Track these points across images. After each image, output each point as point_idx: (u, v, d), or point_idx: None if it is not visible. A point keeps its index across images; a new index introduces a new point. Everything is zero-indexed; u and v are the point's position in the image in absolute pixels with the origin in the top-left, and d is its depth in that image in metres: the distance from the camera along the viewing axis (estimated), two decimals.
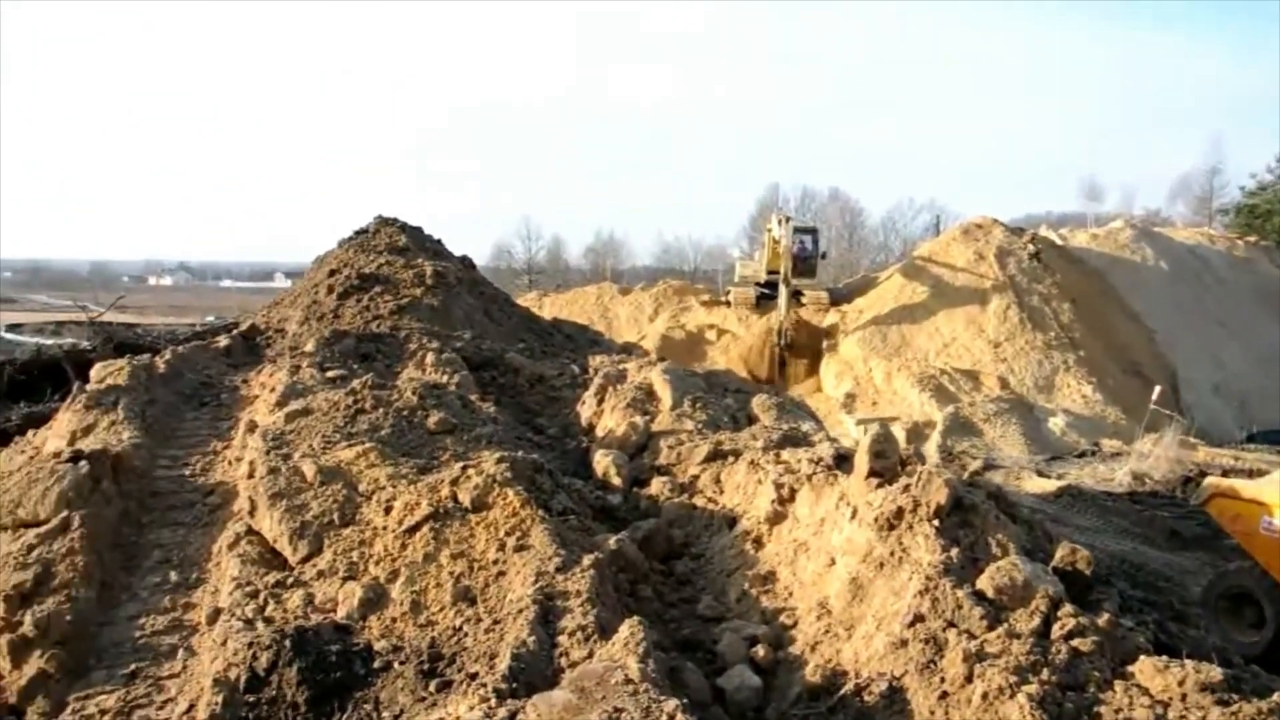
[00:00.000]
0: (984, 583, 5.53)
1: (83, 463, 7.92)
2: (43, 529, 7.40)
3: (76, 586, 6.93)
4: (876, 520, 6.14)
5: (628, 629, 5.32)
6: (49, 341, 29.94)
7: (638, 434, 9.26)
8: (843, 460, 7.48)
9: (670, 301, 37.48)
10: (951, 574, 5.59)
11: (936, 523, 5.99)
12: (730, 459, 8.31)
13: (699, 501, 7.96)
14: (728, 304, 34.76)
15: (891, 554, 5.98)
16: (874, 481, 6.54)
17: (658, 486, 8.29)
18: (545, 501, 7.11)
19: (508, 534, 6.65)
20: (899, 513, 6.12)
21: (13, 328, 55.30)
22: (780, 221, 33.13)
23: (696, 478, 8.28)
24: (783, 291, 30.32)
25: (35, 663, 6.44)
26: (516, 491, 6.91)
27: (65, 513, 7.51)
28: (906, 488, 6.23)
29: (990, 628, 5.28)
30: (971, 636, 5.24)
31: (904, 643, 5.33)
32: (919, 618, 5.40)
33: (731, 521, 7.49)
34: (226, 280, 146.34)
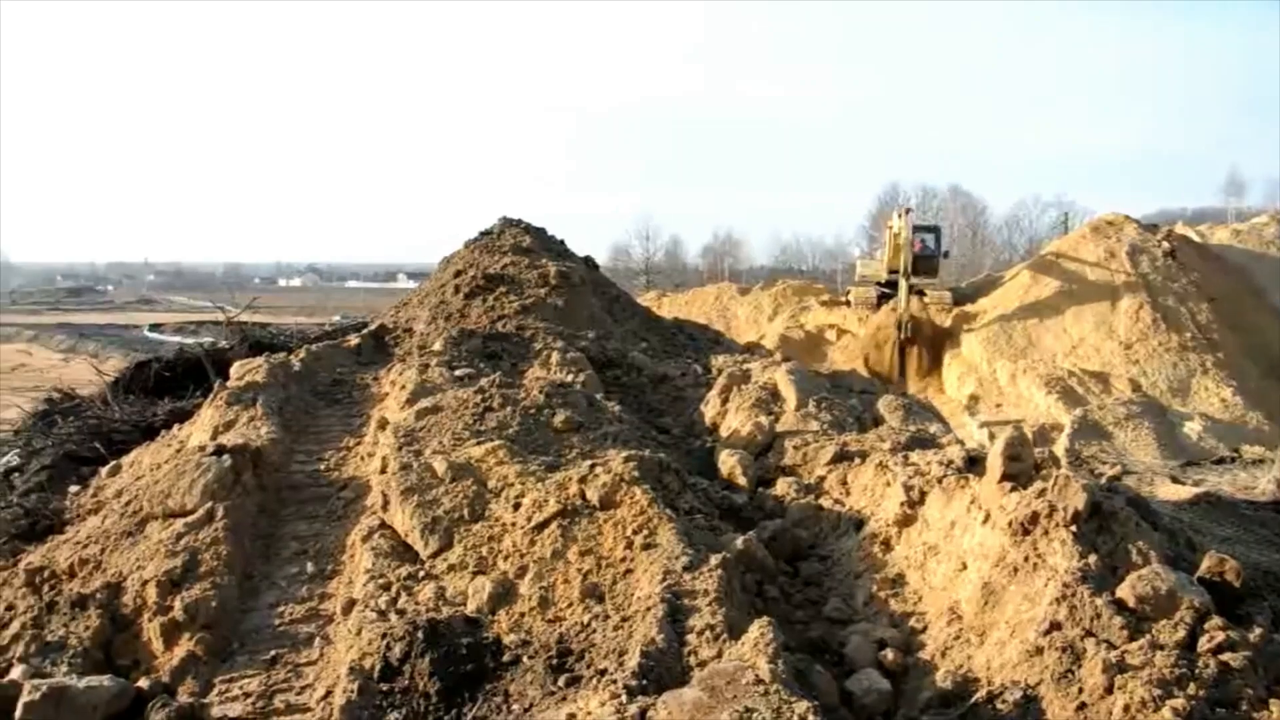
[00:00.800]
0: (1124, 591, 5.35)
1: (225, 456, 8.24)
2: (189, 519, 7.73)
3: (220, 574, 7.21)
4: (1010, 525, 5.99)
5: (757, 629, 5.30)
6: (190, 341, 31.17)
7: (763, 434, 9.22)
8: (974, 463, 7.31)
9: (789, 301, 37.24)
10: (1090, 581, 5.41)
11: (1074, 528, 5.81)
12: (857, 460, 8.21)
13: (825, 503, 7.89)
14: (848, 304, 34.36)
15: (1026, 559, 5.83)
16: (1007, 485, 6.39)
17: (783, 487, 8.24)
18: (672, 500, 7.14)
19: (635, 532, 6.68)
20: (1034, 517, 5.96)
21: (155, 327, 57.94)
22: (900, 214, 32.46)
23: (823, 479, 8.21)
24: (902, 284, 29.82)
25: (185, 645, 6.74)
26: (644, 490, 6.95)
27: (210, 504, 7.83)
28: (1042, 492, 6.06)
29: (1131, 638, 5.10)
30: (1111, 647, 5.06)
31: (1039, 651, 5.19)
32: (1055, 625, 5.25)
33: (859, 523, 7.40)
34: (352, 281, 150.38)
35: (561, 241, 16.28)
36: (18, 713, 5.89)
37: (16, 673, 6.55)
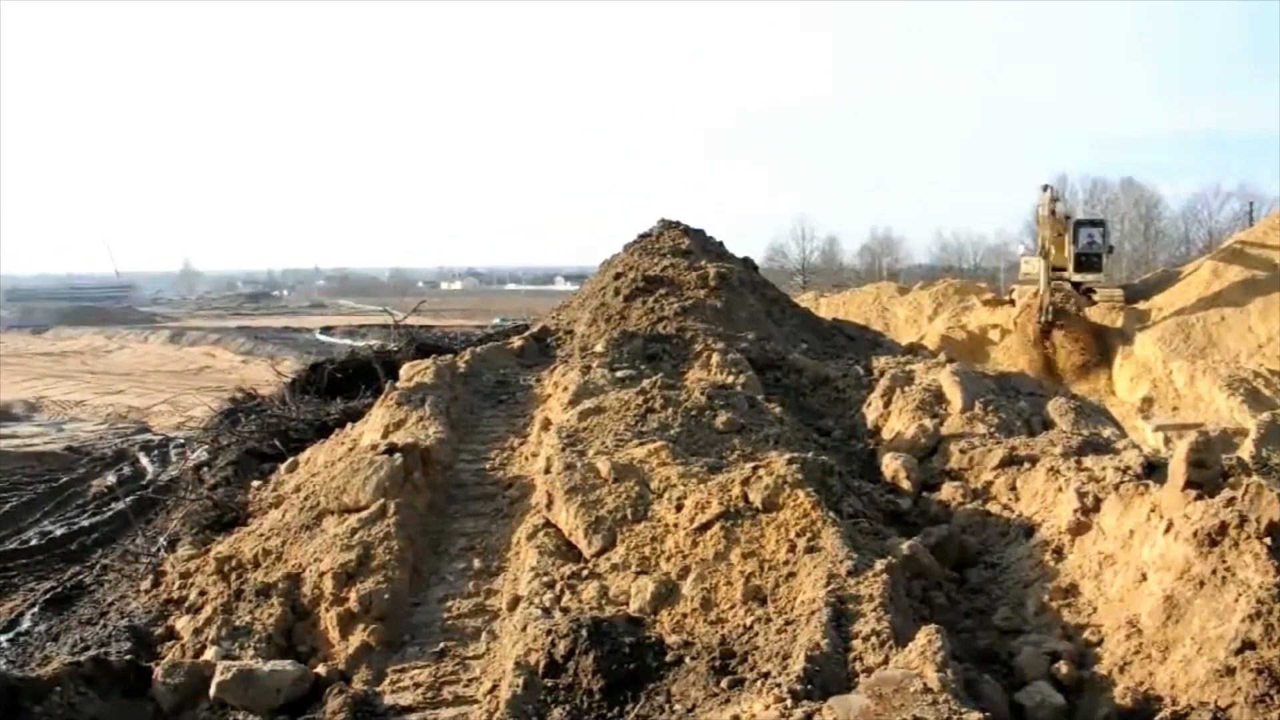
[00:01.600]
0: None
1: (396, 455, 8.53)
2: (363, 514, 8.04)
3: (392, 568, 7.48)
4: (1196, 535, 5.69)
5: (925, 637, 5.18)
6: (359, 343, 32.39)
7: (927, 437, 9.03)
8: (1153, 469, 7.01)
9: (951, 301, 36.30)
10: None
11: (1268, 540, 5.49)
12: (1027, 465, 7.96)
13: (993, 508, 7.67)
14: (1011, 303, 33.26)
15: (1214, 573, 5.52)
16: (1192, 493, 6.08)
17: (949, 492, 8.05)
18: (836, 504, 7.06)
19: (798, 535, 6.62)
20: (1222, 528, 5.65)
21: (326, 330, 60.37)
22: (1048, 194, 30.07)
23: (990, 483, 7.99)
24: (1042, 265, 28.48)
25: (359, 635, 7.02)
26: (807, 493, 6.89)
27: (382, 500, 8.12)
28: (1231, 501, 5.74)
29: None
30: None
31: (1231, 671, 4.91)
32: (1249, 645, 4.97)
33: (1029, 530, 7.17)
34: (511, 284, 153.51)
35: (720, 243, 16.27)
36: (212, 690, 6.31)
37: (210, 653, 6.96)
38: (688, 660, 5.87)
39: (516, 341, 13.47)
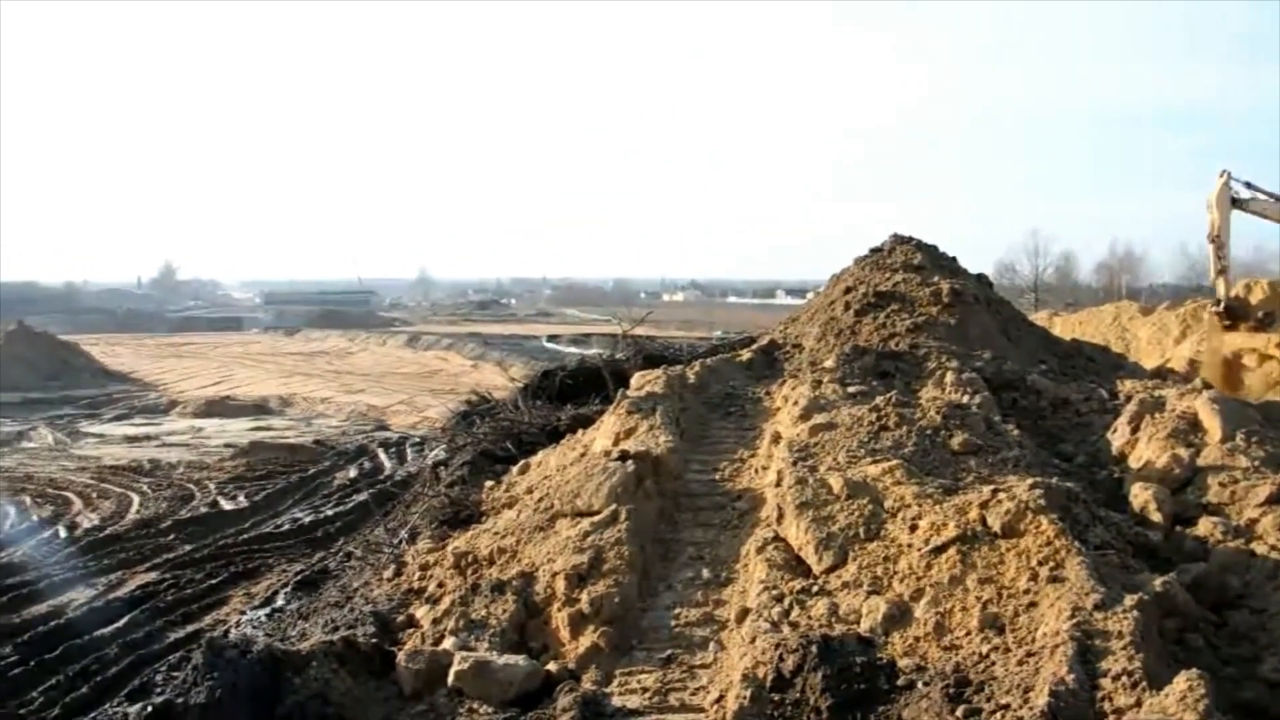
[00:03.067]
0: None
1: (629, 462, 8.68)
2: (595, 518, 8.22)
3: (623, 573, 7.61)
4: None
5: (1186, 682, 4.87)
6: (583, 351, 33.18)
7: (1181, 468, 8.47)
8: None
9: (1200, 323, 34.05)
10: None
11: None
12: None
13: (1259, 548, 7.11)
14: (1270, 325, 30.88)
15: None
16: None
17: (1207, 527, 7.52)
18: (1081, 533, 6.73)
19: (1040, 563, 6.35)
20: None
21: (552, 338, 62.16)
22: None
23: (1255, 521, 7.41)
24: (1211, 254, 25.99)
25: (589, 636, 7.17)
26: (1051, 520, 6.59)
27: (614, 506, 8.29)
28: None
29: None
30: None
31: None
32: None
33: None
34: (732, 297, 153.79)
35: (953, 258, 15.81)
36: (449, 678, 6.59)
37: (448, 643, 7.27)
38: (920, 685, 5.71)
39: (745, 354, 13.48)
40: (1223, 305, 26.09)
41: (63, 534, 17.31)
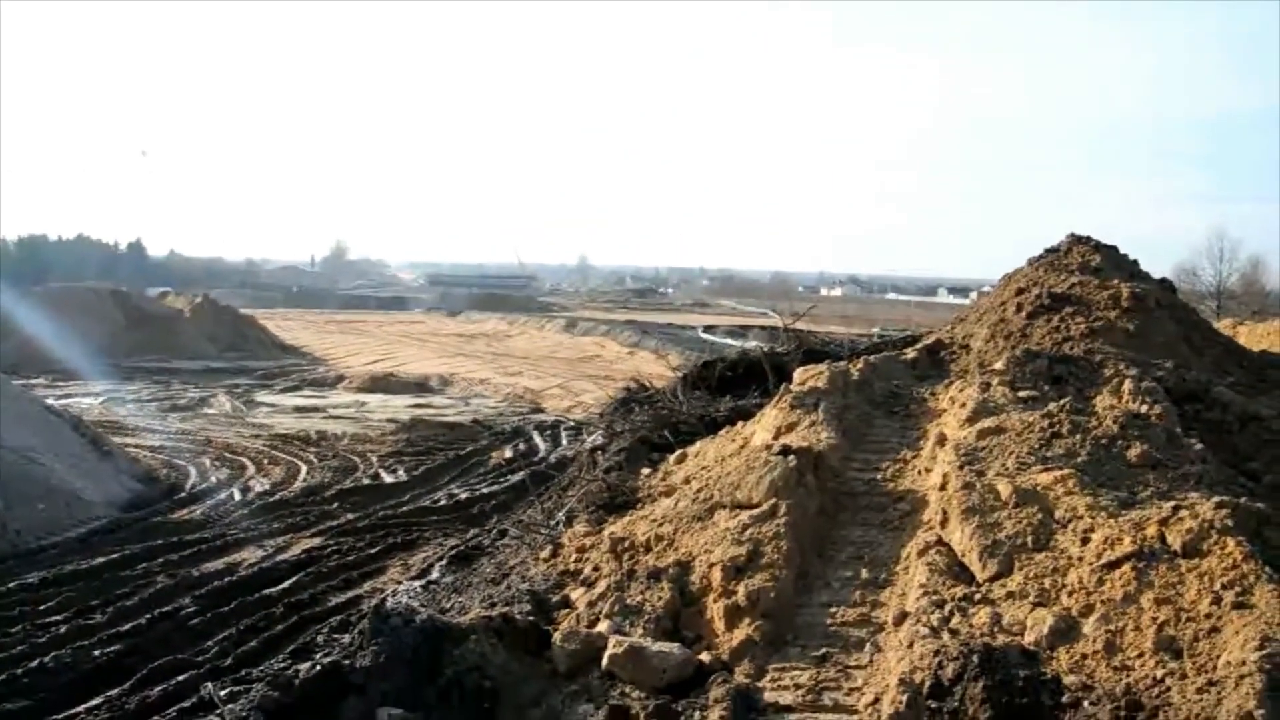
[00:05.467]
0: None
1: (790, 456, 8.62)
2: (754, 511, 8.18)
3: (780, 567, 7.56)
4: None
5: None
6: (743, 343, 33.09)
7: None
8: None
9: None
10: None
11: None
12: None
13: None
14: None
15: None
16: None
17: None
18: (1272, 558, 6.36)
19: (1225, 587, 6.03)
20: None
21: (708, 329, 62.21)
22: None
23: None
24: None
25: (744, 629, 7.15)
26: (1238, 542, 6.25)
27: (774, 500, 8.24)
28: None
29: None
30: None
31: None
32: None
33: None
34: (891, 294, 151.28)
35: (1134, 261, 15.12)
36: (604, 661, 6.68)
37: (603, 626, 7.36)
38: (1086, 705, 5.53)
39: (909, 353, 13.21)
40: None
41: (237, 496, 18.24)
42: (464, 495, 18.19)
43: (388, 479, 19.72)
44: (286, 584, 12.82)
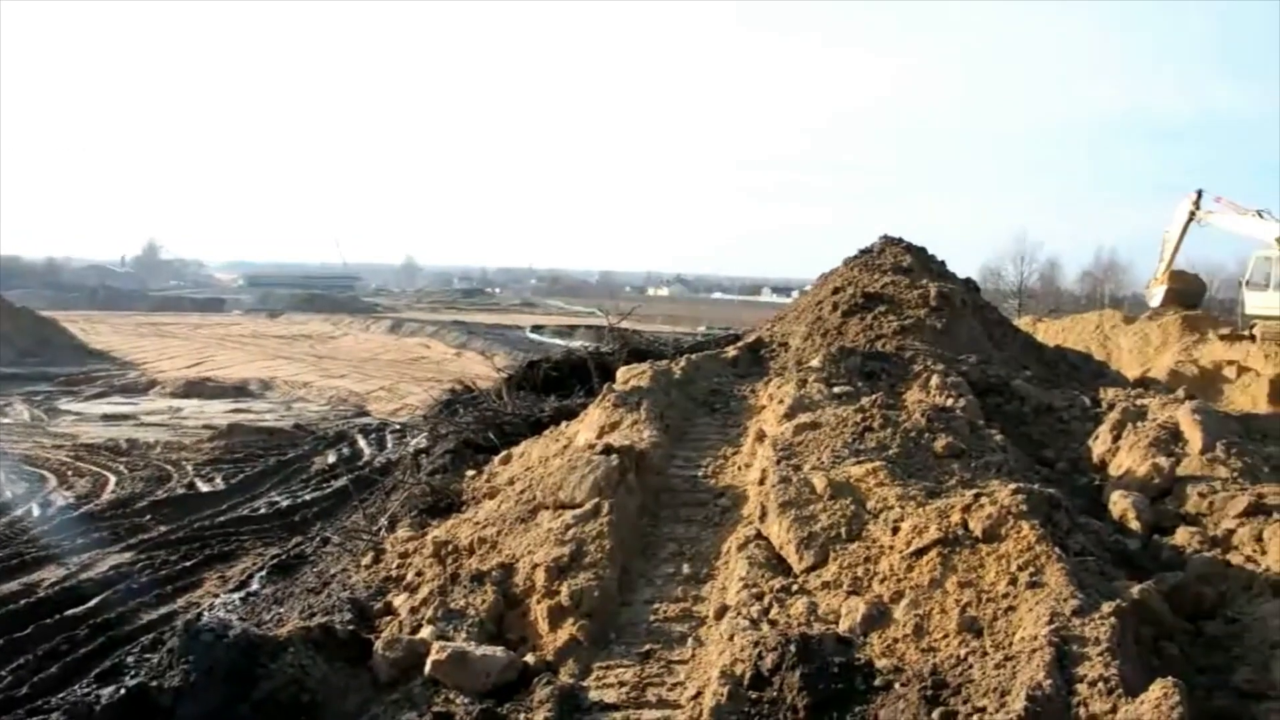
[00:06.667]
0: None
1: (613, 456, 8.67)
2: (578, 511, 8.20)
3: (603, 567, 7.59)
4: None
5: (1161, 690, 4.91)
6: (570, 343, 33.15)
7: (1161, 477, 8.53)
8: None
9: (1182, 333, 34.25)
10: None
11: None
12: (1275, 515, 7.42)
13: (1235, 559, 7.17)
14: (1252, 338, 31.20)
15: None
16: None
17: (1184, 537, 7.58)
18: (1061, 539, 6.75)
19: (1020, 568, 6.37)
20: None
21: (536, 329, 62.09)
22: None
23: (1232, 532, 7.47)
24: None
25: (568, 629, 7.15)
26: (1032, 525, 6.62)
27: (596, 499, 8.27)
28: None
29: None
30: None
31: None
32: None
33: (1276, 587, 6.68)
34: (717, 293, 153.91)
35: (942, 262, 15.87)
36: (427, 668, 6.58)
37: (426, 633, 7.24)
38: (897, 686, 5.73)
39: (731, 351, 13.49)
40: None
41: (36, 511, 17.20)
42: (285, 503, 17.62)
43: (204, 488, 18.93)
44: (92, 603, 12.11)
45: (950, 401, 9.96)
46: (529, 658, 6.89)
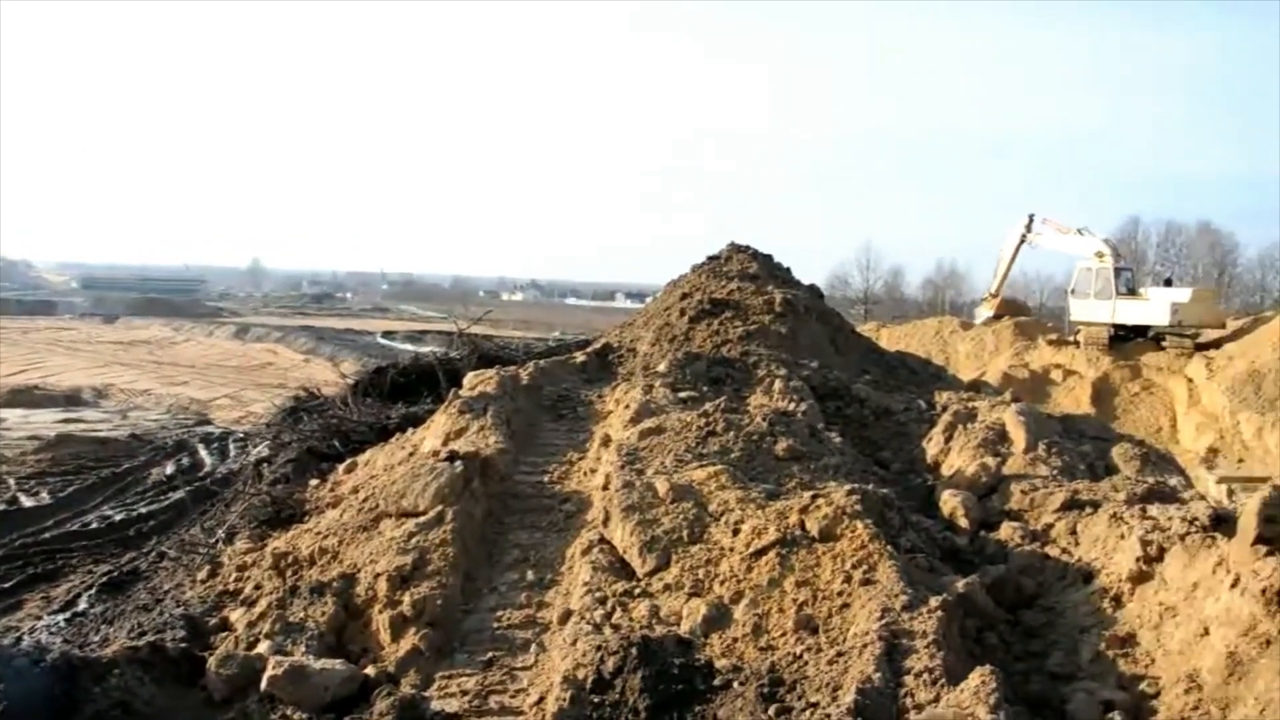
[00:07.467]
0: None
1: (457, 463, 8.60)
2: (421, 519, 8.11)
3: (446, 575, 7.54)
4: (1264, 592, 5.56)
5: (979, 677, 5.13)
6: (422, 349, 32.70)
7: (988, 475, 8.93)
8: (1220, 521, 6.87)
9: (1014, 339, 35.89)
10: None
11: None
12: (1089, 509, 7.83)
13: (1052, 551, 7.55)
14: (1077, 344, 32.95)
15: None
16: (1262, 549, 5.95)
17: (1008, 532, 7.95)
18: (893, 537, 7.01)
19: (854, 567, 6.59)
20: None
21: (387, 334, 61.07)
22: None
23: (1050, 526, 7.87)
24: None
25: (410, 639, 7.07)
26: (865, 525, 6.85)
27: (440, 507, 8.20)
28: None
29: None
30: None
31: None
32: None
33: (1088, 576, 7.05)
34: (571, 298, 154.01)
35: (787, 269, 16.25)
36: (263, 684, 6.37)
37: (263, 648, 7.05)
38: (736, 685, 5.84)
39: (579, 356, 13.53)
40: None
41: None
42: (119, 517, 16.79)
43: (28, 503, 17.89)
44: None
45: (792, 406, 10.22)
46: (370, 669, 6.75)
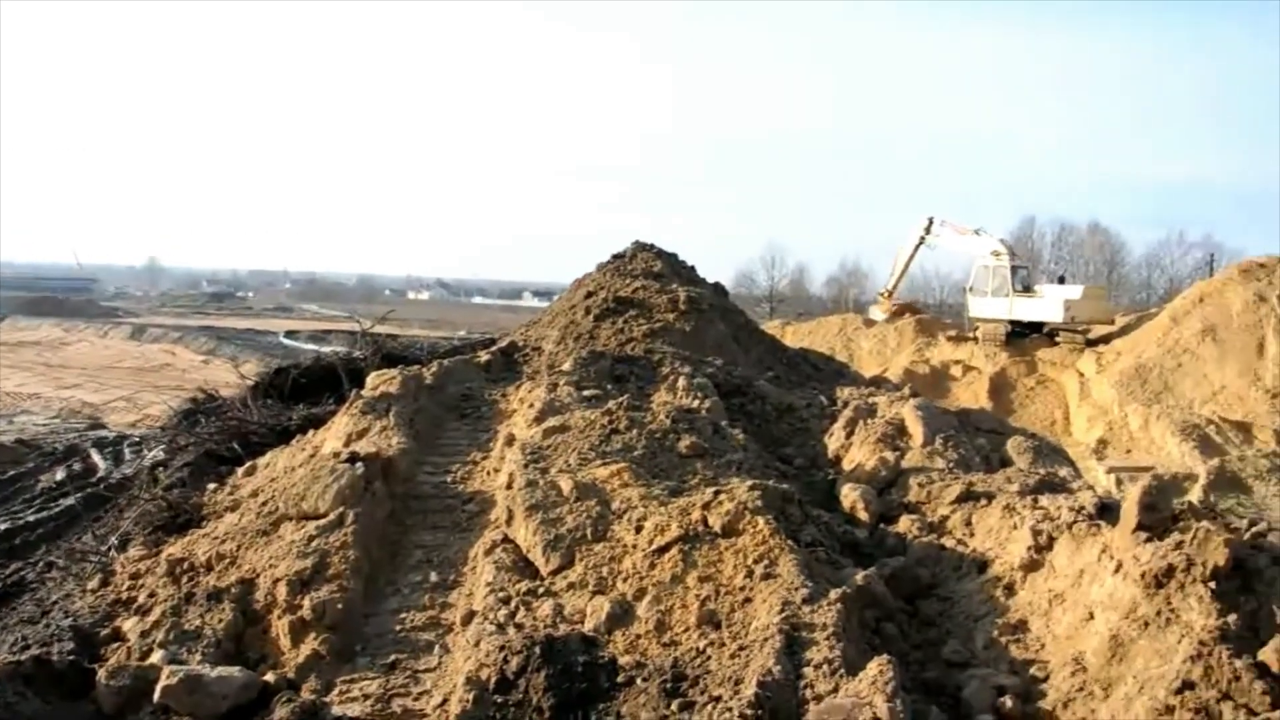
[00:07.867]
0: (1268, 655, 5.10)
1: (358, 464, 8.49)
2: (321, 522, 7.99)
3: (347, 578, 7.43)
4: (1144, 576, 5.79)
5: (876, 667, 5.24)
6: (325, 349, 32.17)
7: (887, 469, 9.10)
8: (1106, 510, 7.10)
9: (915, 335, 36.65)
10: (1229, 641, 5.19)
11: (1213, 585, 5.59)
12: (983, 501, 8.03)
13: (948, 542, 7.73)
14: (975, 340, 33.78)
15: (1159, 614, 5.63)
16: (1142, 535, 6.18)
17: (906, 524, 8.11)
18: (794, 532, 7.10)
19: (755, 561, 6.66)
20: (1169, 570, 5.75)
21: (290, 334, 59.98)
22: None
23: (946, 518, 8.05)
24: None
25: (310, 644, 6.96)
26: (767, 520, 6.93)
27: (341, 509, 8.08)
28: (1180, 544, 5.85)
29: (1274, 705, 4.87)
30: (1251, 713, 4.85)
31: (1170, 710, 5.00)
32: (1188, 685, 5.05)
33: (982, 565, 7.24)
34: (478, 297, 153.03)
35: (692, 267, 16.37)
36: (156, 695, 6.21)
37: (156, 657, 6.87)
38: (639, 681, 5.86)
39: (484, 356, 13.44)
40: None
41: None
42: (3, 526, 16.25)
43: None
44: None
45: (695, 403, 10.30)
46: (269, 676, 6.62)
